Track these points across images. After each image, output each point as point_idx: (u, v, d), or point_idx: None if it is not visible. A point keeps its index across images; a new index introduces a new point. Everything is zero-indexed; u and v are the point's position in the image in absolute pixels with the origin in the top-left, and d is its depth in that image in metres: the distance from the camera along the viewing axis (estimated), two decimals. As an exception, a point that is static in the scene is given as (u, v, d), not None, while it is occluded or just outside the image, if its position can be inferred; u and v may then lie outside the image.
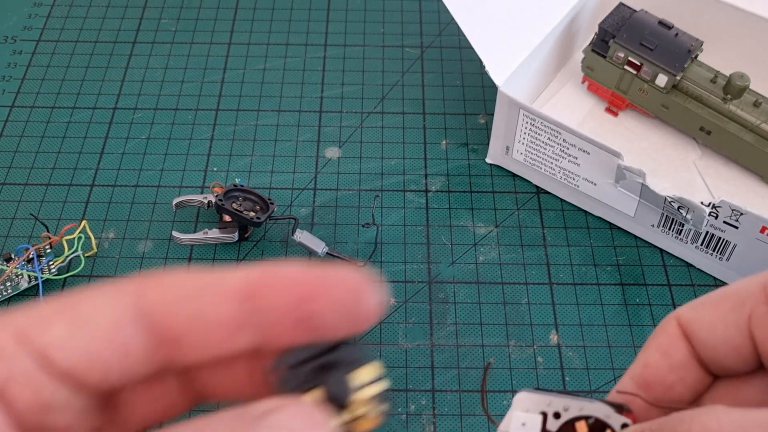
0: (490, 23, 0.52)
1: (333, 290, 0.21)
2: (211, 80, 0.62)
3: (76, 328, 0.20)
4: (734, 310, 0.25)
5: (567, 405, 0.24)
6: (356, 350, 0.22)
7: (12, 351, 0.19)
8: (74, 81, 0.62)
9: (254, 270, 0.21)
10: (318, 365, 0.21)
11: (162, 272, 0.21)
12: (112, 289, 0.21)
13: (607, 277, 0.50)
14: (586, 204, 0.53)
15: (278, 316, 0.21)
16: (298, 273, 0.21)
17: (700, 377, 0.26)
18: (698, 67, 0.54)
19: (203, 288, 0.21)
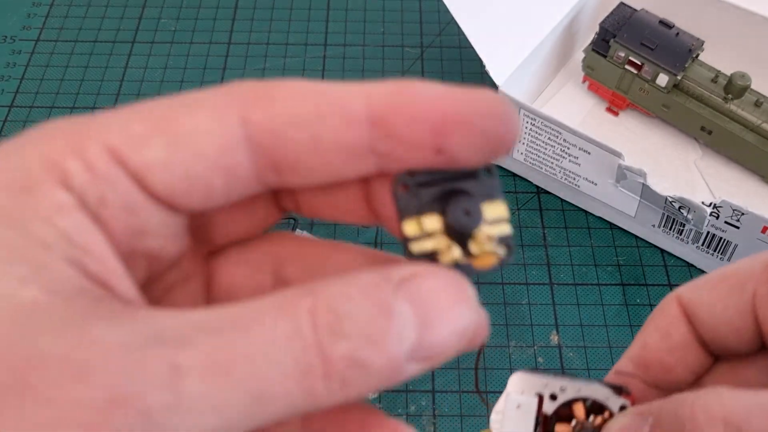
0: (490, 23, 0.52)
1: (474, 118, 0.18)
2: (210, 80, 0.62)
3: (175, 149, 0.18)
4: (736, 289, 0.24)
5: (564, 386, 0.23)
6: (488, 183, 0.19)
7: (106, 171, 0.17)
8: (73, 81, 0.61)
9: (384, 90, 0.18)
10: (444, 190, 0.19)
11: (273, 82, 0.18)
12: (216, 102, 0.18)
13: (608, 278, 0.50)
14: (587, 204, 0.53)
15: (409, 145, 0.18)
16: (435, 96, 0.18)
17: (701, 358, 0.25)
18: (699, 67, 0.54)
19: (325, 109, 0.18)
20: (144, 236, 0.19)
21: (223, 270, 0.22)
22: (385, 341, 0.16)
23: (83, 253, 0.17)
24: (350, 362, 0.16)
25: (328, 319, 0.16)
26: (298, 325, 0.16)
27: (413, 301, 0.17)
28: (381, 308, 0.16)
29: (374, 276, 0.17)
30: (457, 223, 0.18)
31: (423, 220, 0.19)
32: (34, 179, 0.17)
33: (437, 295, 0.17)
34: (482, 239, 0.19)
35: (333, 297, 0.16)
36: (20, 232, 0.16)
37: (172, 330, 0.16)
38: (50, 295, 0.16)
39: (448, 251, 0.19)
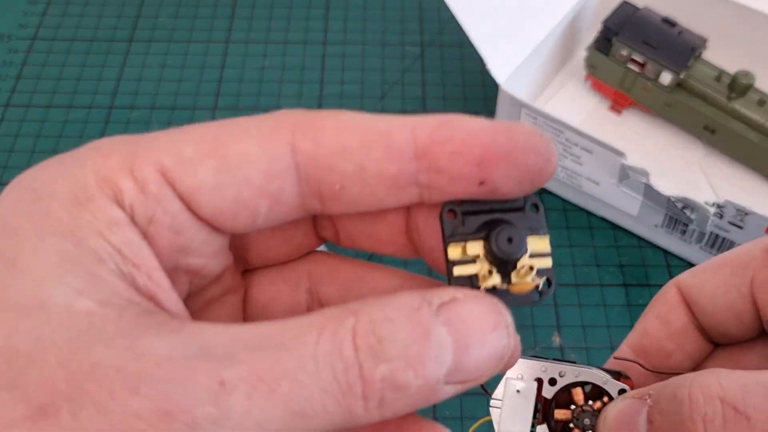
0: (491, 20, 0.51)
1: (515, 152, 0.18)
2: (208, 79, 0.61)
3: (224, 174, 0.19)
4: (736, 274, 0.24)
5: (563, 371, 0.23)
6: (534, 217, 0.20)
7: (157, 191, 0.18)
8: (70, 80, 0.61)
9: (428, 123, 0.19)
10: (490, 219, 0.20)
11: (319, 113, 0.19)
12: (266, 129, 0.19)
13: (610, 278, 0.50)
14: (589, 204, 0.52)
15: (452, 177, 0.19)
16: (477, 130, 0.19)
17: (700, 345, 0.25)
18: (702, 65, 0.53)
19: (371, 141, 0.19)
20: (188, 254, 0.20)
21: (260, 286, 0.23)
22: (424, 364, 0.17)
23: (132, 267, 0.18)
24: (389, 384, 0.17)
25: (369, 342, 0.17)
26: (339, 345, 0.16)
27: (452, 325, 0.17)
28: (421, 332, 0.17)
29: (415, 298, 0.18)
30: (499, 250, 0.19)
31: (467, 245, 0.19)
32: (89, 194, 0.18)
33: (475, 320, 0.18)
34: (523, 270, 0.19)
35: (374, 319, 0.17)
36: (76, 244, 0.17)
37: (218, 345, 0.16)
38: (104, 307, 0.17)
39: (488, 277, 0.19)
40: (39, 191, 0.18)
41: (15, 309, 0.16)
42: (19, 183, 0.19)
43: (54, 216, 0.17)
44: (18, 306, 0.16)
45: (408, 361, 0.17)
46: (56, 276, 0.17)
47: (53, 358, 0.16)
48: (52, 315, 0.16)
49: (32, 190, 0.18)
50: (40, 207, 0.18)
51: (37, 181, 0.18)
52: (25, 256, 0.17)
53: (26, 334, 0.16)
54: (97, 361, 0.16)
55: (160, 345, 0.16)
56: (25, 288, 0.17)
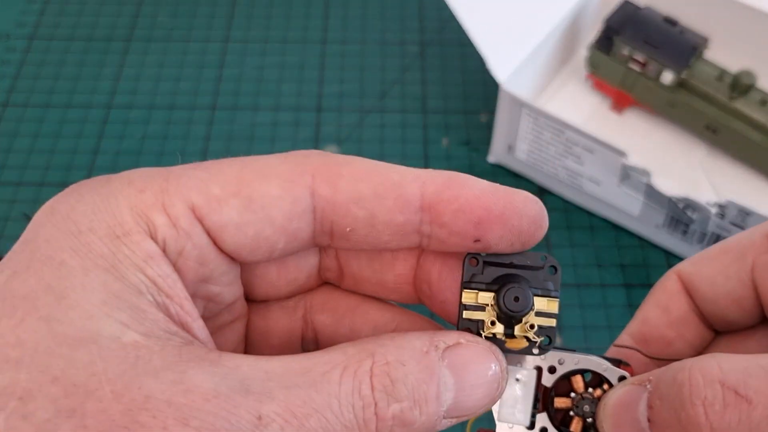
0: (492, 19, 0.51)
1: (511, 218, 0.21)
2: (207, 78, 0.61)
3: (248, 213, 0.20)
4: (736, 261, 0.24)
5: (562, 359, 0.23)
6: (549, 279, 0.22)
7: (187, 227, 0.20)
8: (68, 79, 0.61)
9: (437, 180, 0.21)
10: (507, 273, 0.22)
11: (338, 158, 0.21)
12: (288, 172, 0.21)
13: (612, 279, 0.50)
14: (590, 204, 0.52)
15: (452, 232, 0.21)
16: (480, 194, 0.21)
17: (701, 333, 0.26)
18: (704, 65, 0.53)
19: (383, 191, 0.21)
20: (207, 282, 0.22)
21: (259, 312, 0.25)
22: (428, 404, 0.19)
23: (166, 297, 0.20)
24: (398, 421, 0.19)
25: (383, 383, 0.19)
26: (359, 385, 0.19)
27: (454, 369, 0.20)
28: (428, 375, 0.19)
29: (424, 342, 0.20)
30: (505, 307, 0.21)
31: (480, 294, 0.22)
32: (126, 230, 0.19)
33: (475, 364, 0.20)
34: (525, 326, 0.21)
35: (389, 362, 0.19)
36: (118, 278, 0.19)
37: (254, 380, 0.18)
38: (147, 338, 0.18)
39: (491, 327, 0.21)
40: (79, 224, 0.19)
41: (69, 343, 0.18)
42: (56, 212, 0.20)
43: (96, 250, 0.19)
44: (71, 339, 0.18)
45: (416, 400, 0.19)
46: (104, 310, 0.18)
47: (108, 390, 0.17)
48: (103, 348, 0.18)
49: (72, 223, 0.19)
50: (81, 241, 0.19)
51: (76, 213, 0.20)
52: (73, 291, 0.18)
53: (82, 367, 0.17)
54: (148, 394, 0.17)
55: (205, 380, 0.18)
56: (76, 322, 0.18)
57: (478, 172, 0.55)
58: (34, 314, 0.18)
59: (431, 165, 0.55)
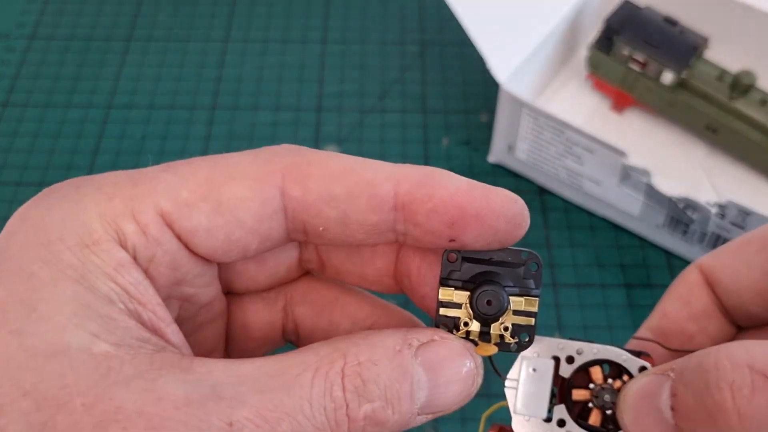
0: (492, 19, 0.51)
1: (486, 217, 0.20)
2: (207, 78, 0.61)
3: (218, 216, 0.20)
4: (759, 252, 0.23)
5: (580, 348, 0.23)
6: (530, 277, 0.21)
7: (157, 233, 0.20)
8: (68, 79, 0.60)
9: (410, 178, 0.20)
10: (485, 271, 0.21)
11: (309, 155, 0.21)
12: (257, 173, 0.21)
13: (612, 279, 0.50)
14: (590, 204, 0.52)
15: (426, 231, 0.21)
16: (454, 192, 0.20)
17: (723, 327, 0.25)
18: (704, 65, 0.53)
19: (356, 191, 0.20)
20: (181, 285, 0.21)
21: (240, 304, 0.25)
22: (401, 402, 0.19)
23: (138, 304, 0.19)
24: (370, 421, 0.19)
25: (355, 383, 0.19)
26: (330, 386, 0.19)
27: (428, 365, 0.20)
28: (400, 373, 0.19)
29: (397, 340, 0.20)
30: (477, 310, 0.21)
31: (456, 292, 0.21)
32: (95, 238, 0.19)
33: (448, 361, 0.20)
34: (500, 326, 0.21)
35: (361, 362, 0.19)
36: (88, 288, 0.19)
37: (226, 386, 0.18)
38: (118, 348, 0.18)
39: (466, 326, 0.21)
40: (49, 234, 0.19)
41: (40, 356, 0.18)
42: (27, 220, 0.20)
43: (65, 261, 0.19)
44: (42, 352, 0.18)
45: (388, 400, 0.19)
46: (74, 321, 0.18)
47: (79, 403, 0.17)
48: (74, 360, 0.18)
49: (42, 232, 0.19)
50: (51, 251, 0.19)
51: (46, 222, 0.20)
52: (43, 303, 0.18)
53: (53, 380, 0.17)
54: (119, 405, 0.17)
55: (176, 387, 0.18)
56: (47, 334, 0.18)
57: (478, 172, 0.55)
58: (5, 327, 0.18)
59: (431, 165, 0.55)
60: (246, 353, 0.26)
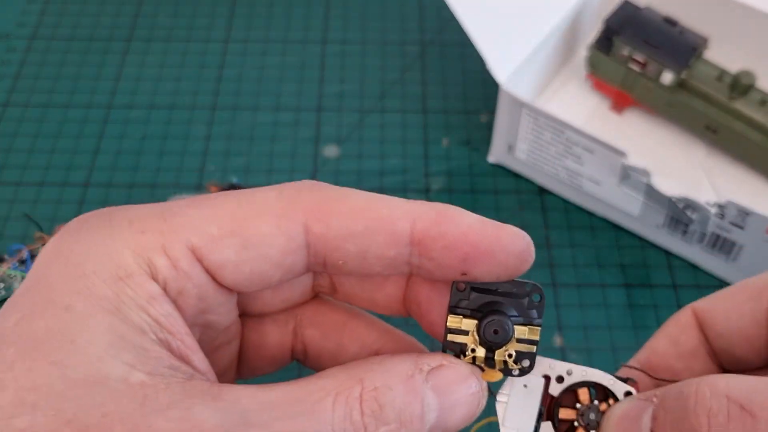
0: (492, 19, 0.51)
1: (497, 253, 0.22)
2: (207, 78, 0.61)
3: (245, 251, 0.21)
4: (751, 300, 0.24)
5: (570, 369, 0.24)
6: (533, 308, 0.23)
7: (187, 267, 0.21)
8: (68, 79, 0.61)
9: (426, 215, 0.22)
10: (491, 301, 0.23)
11: (330, 192, 0.22)
12: (282, 210, 0.22)
13: (612, 279, 0.50)
14: (590, 204, 0.52)
15: (440, 266, 0.22)
16: (468, 230, 0.22)
17: (709, 369, 0.26)
18: (704, 65, 0.53)
19: (375, 227, 0.22)
20: (205, 313, 0.23)
21: (253, 326, 0.26)
22: (413, 424, 0.21)
23: (168, 334, 0.21)
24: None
25: (372, 408, 0.20)
26: (350, 411, 0.20)
27: (437, 390, 0.21)
28: (413, 397, 0.21)
29: (409, 366, 0.21)
30: (484, 337, 0.22)
31: (464, 320, 0.23)
32: (128, 272, 0.20)
33: (457, 386, 0.22)
34: (504, 353, 0.23)
35: (377, 387, 0.20)
36: (122, 319, 0.20)
37: (253, 413, 0.19)
38: (153, 378, 0.19)
39: (473, 352, 0.23)
40: (83, 267, 0.20)
41: (80, 386, 0.18)
42: (60, 254, 0.21)
43: (99, 293, 0.20)
44: (82, 383, 0.19)
45: (402, 422, 0.20)
46: (110, 352, 0.19)
47: (120, 430, 0.18)
48: (113, 389, 0.19)
49: (76, 266, 0.20)
50: (86, 284, 0.20)
51: (79, 255, 0.21)
52: (80, 335, 0.19)
53: (93, 409, 0.18)
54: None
55: (210, 415, 0.19)
56: (85, 365, 0.19)
57: (478, 172, 0.55)
58: (45, 359, 0.19)
59: (431, 165, 0.55)
60: (256, 371, 0.27)
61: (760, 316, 0.24)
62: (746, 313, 0.24)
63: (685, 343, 0.26)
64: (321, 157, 0.56)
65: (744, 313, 0.25)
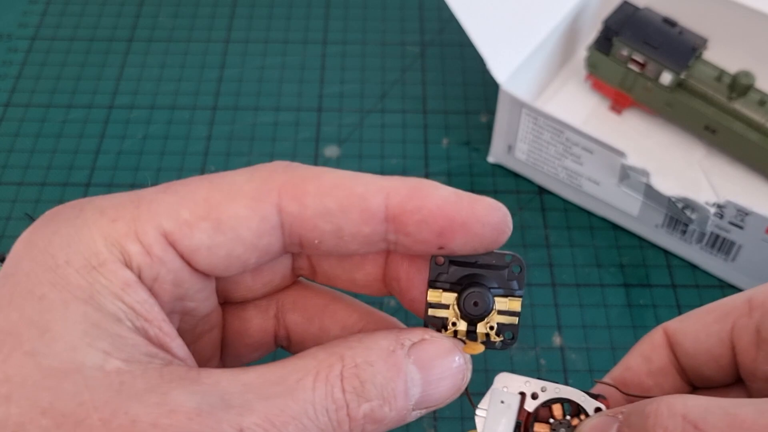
0: (492, 20, 0.51)
1: (472, 225, 0.22)
2: (208, 78, 0.61)
3: (218, 234, 0.21)
4: (719, 321, 0.25)
5: (544, 386, 0.25)
6: (514, 279, 0.23)
7: (160, 253, 0.21)
8: (70, 79, 0.61)
9: (400, 190, 0.22)
10: (471, 273, 0.23)
11: (303, 171, 0.22)
12: (255, 191, 0.21)
13: (611, 278, 0.50)
14: (590, 204, 0.52)
15: (416, 241, 0.22)
16: (443, 203, 0.22)
17: (678, 386, 0.27)
18: (703, 65, 0.53)
19: (349, 205, 0.22)
20: (183, 300, 0.22)
21: (234, 312, 0.26)
22: (397, 400, 0.21)
23: (145, 321, 0.20)
24: (369, 419, 0.20)
25: (354, 384, 0.20)
26: (331, 389, 0.20)
27: (420, 364, 0.21)
28: (395, 372, 0.21)
29: (390, 341, 0.21)
30: (464, 310, 0.22)
31: (444, 294, 0.23)
32: (101, 260, 0.20)
33: (439, 359, 0.22)
34: (485, 325, 0.23)
35: (358, 364, 0.20)
36: (96, 308, 0.20)
37: (234, 395, 0.19)
38: (130, 364, 0.19)
39: (454, 326, 0.23)
40: (56, 258, 0.20)
41: (55, 375, 0.18)
42: (33, 245, 0.21)
43: (74, 282, 0.20)
44: (57, 372, 0.18)
45: (385, 398, 0.20)
46: (85, 340, 0.19)
47: (96, 418, 0.18)
48: (88, 377, 0.18)
49: (50, 256, 0.20)
50: (60, 274, 0.20)
51: (52, 246, 0.20)
52: (55, 323, 0.19)
53: (69, 398, 0.18)
54: (135, 418, 0.18)
55: (187, 399, 0.18)
56: (60, 354, 0.19)
57: (478, 172, 0.55)
58: (19, 349, 0.19)
59: (432, 165, 0.56)
60: (240, 359, 0.27)
61: (725, 337, 0.25)
62: (713, 334, 0.25)
63: (656, 361, 0.27)
64: (321, 158, 0.56)
65: (711, 333, 0.25)
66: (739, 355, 0.25)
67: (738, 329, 0.25)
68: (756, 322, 0.24)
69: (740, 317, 0.25)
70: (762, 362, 0.24)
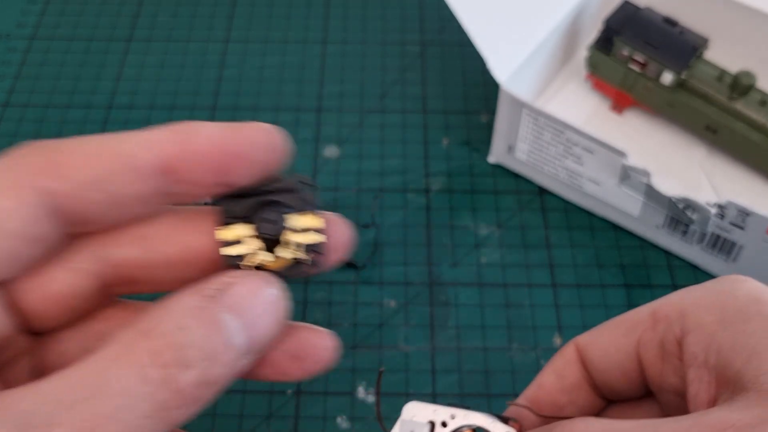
0: (492, 19, 0.51)
1: (250, 153, 0.21)
2: (207, 78, 0.61)
3: None
4: (626, 335, 0.25)
5: (454, 414, 0.25)
6: (304, 196, 0.22)
7: None
8: (69, 79, 0.61)
9: (167, 139, 0.21)
10: (259, 201, 0.22)
11: (57, 145, 0.20)
12: (10, 180, 0.20)
13: (612, 279, 0.50)
14: (590, 204, 0.52)
15: (196, 185, 0.21)
16: (211, 140, 0.21)
17: (592, 401, 0.27)
18: (704, 65, 0.53)
19: (117, 168, 0.20)
20: None
21: (54, 348, 0.23)
22: (222, 354, 0.19)
23: None
24: (199, 384, 0.18)
25: (173, 356, 0.18)
26: (142, 370, 0.18)
27: (235, 310, 0.20)
28: (211, 328, 0.19)
29: (194, 299, 0.19)
30: (260, 231, 0.21)
31: (234, 228, 0.22)
32: None
33: (252, 299, 0.20)
34: (291, 249, 0.22)
35: (166, 332, 0.18)
36: None
37: (35, 412, 0.17)
38: None
39: (253, 255, 0.21)
40: None
41: None
42: None
43: None
44: None
45: (210, 358, 0.18)
46: None
47: None
48: None
49: None
50: None
51: None
52: None
53: None
54: None
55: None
56: None
57: (478, 172, 0.55)
58: None
59: (432, 165, 0.55)
60: None
61: (632, 351, 0.25)
62: (621, 348, 0.25)
63: (569, 377, 0.26)
64: (321, 158, 0.56)
65: (619, 348, 0.25)
66: (646, 369, 0.25)
67: (644, 343, 0.25)
68: (660, 336, 0.24)
69: (645, 331, 0.24)
70: (668, 375, 0.24)
